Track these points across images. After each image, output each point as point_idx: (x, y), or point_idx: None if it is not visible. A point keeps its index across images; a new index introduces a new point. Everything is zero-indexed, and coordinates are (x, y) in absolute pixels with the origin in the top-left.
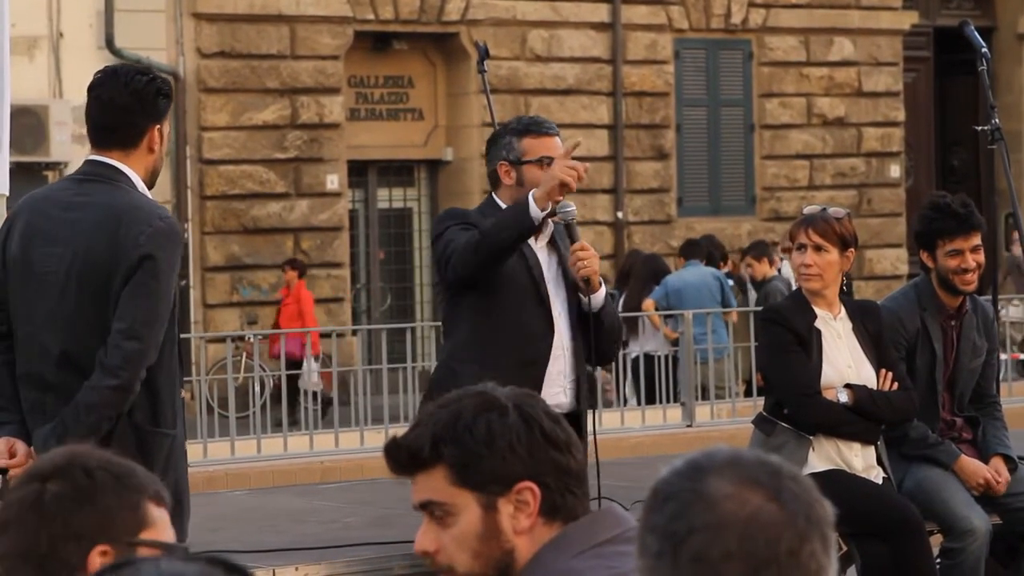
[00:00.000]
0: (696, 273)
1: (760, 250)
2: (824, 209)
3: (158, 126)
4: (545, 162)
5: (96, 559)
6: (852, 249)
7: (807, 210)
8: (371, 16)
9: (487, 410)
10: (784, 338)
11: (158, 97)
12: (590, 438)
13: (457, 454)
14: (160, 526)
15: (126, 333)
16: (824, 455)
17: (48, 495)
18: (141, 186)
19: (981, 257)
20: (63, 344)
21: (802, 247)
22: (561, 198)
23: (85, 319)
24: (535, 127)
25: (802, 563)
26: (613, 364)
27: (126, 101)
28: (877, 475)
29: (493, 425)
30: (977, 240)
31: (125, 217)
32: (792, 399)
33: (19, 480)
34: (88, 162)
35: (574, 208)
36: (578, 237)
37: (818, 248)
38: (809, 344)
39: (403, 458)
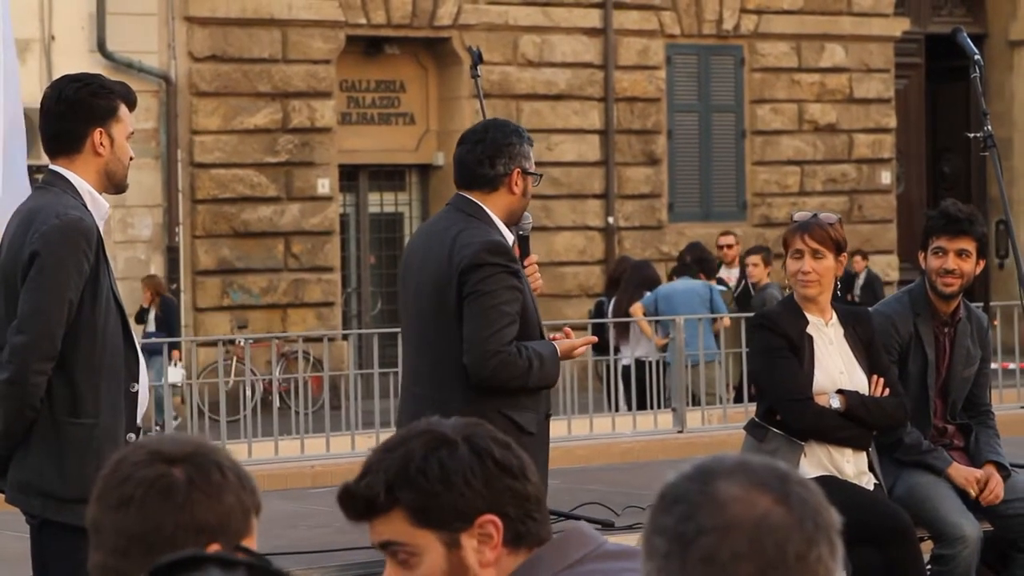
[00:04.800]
0: (686, 283)
1: (760, 252)
2: (816, 215)
3: (100, 128)
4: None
5: None
6: (844, 254)
7: (798, 216)
8: (363, 21)
9: (436, 448)
10: (776, 344)
11: (92, 100)
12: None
13: (413, 497)
14: (254, 537)
15: (15, 328)
16: (816, 461)
17: (179, 481)
18: (86, 189)
19: (967, 265)
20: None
21: (798, 253)
22: None
23: (9, 320)
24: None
25: (810, 567)
26: (605, 369)
27: (59, 110)
28: (868, 481)
29: (445, 462)
30: (965, 245)
31: (33, 219)
32: (784, 405)
33: (137, 457)
34: (44, 171)
35: (531, 221)
36: (529, 251)
37: (815, 254)
38: (801, 350)
39: (358, 507)
